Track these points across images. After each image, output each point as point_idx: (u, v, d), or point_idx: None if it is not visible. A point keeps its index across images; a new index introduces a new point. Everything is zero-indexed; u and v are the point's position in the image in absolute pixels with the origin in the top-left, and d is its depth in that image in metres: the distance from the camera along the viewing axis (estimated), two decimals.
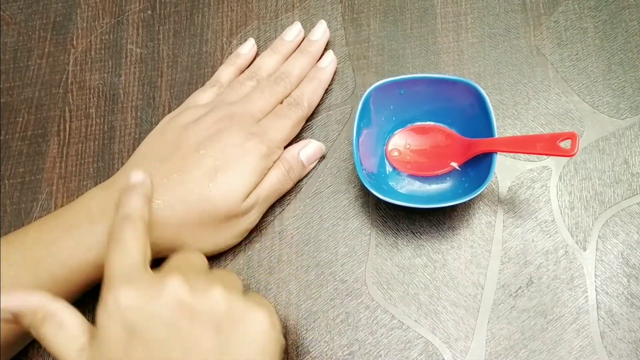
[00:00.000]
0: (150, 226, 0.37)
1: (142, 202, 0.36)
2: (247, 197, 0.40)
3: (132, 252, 0.33)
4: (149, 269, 0.34)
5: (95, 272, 0.38)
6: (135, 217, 0.35)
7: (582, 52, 0.47)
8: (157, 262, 0.43)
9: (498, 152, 0.40)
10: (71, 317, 0.32)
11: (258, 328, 0.32)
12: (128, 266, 0.32)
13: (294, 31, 0.47)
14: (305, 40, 0.47)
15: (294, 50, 0.47)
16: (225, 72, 0.47)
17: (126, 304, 0.30)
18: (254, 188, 0.41)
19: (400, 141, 0.44)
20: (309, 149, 0.44)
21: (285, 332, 0.40)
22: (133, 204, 0.36)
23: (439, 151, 0.44)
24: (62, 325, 0.31)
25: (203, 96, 0.45)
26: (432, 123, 0.44)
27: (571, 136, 0.37)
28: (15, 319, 0.31)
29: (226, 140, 0.40)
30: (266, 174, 0.42)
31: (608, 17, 0.48)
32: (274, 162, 0.42)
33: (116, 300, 0.31)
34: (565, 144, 0.37)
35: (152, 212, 0.38)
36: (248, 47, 0.48)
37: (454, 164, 0.43)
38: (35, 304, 0.31)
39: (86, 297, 0.42)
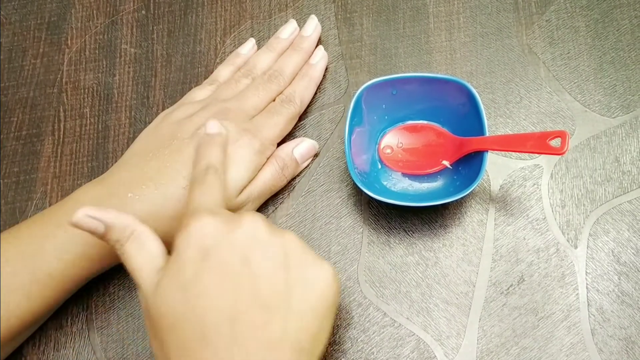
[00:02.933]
0: (144, 218, 0.37)
1: (220, 151, 0.38)
2: (240, 192, 0.40)
3: (215, 193, 0.35)
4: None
5: (90, 266, 0.38)
6: (217, 167, 0.37)
7: (574, 50, 0.47)
8: None
9: (489, 151, 0.40)
10: (154, 240, 0.34)
11: (323, 278, 0.33)
12: (211, 202, 0.35)
13: (289, 29, 0.48)
14: (297, 37, 0.48)
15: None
16: (224, 71, 0.47)
17: (207, 229, 0.32)
18: (248, 184, 0.41)
19: (392, 140, 0.45)
20: (302, 146, 0.44)
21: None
22: (214, 154, 0.38)
23: (431, 150, 0.44)
24: (145, 245, 0.34)
25: (199, 93, 0.46)
26: (424, 122, 0.44)
27: (561, 135, 0.37)
28: (106, 232, 0.34)
29: None
30: (260, 170, 0.42)
31: (599, 16, 0.48)
32: (268, 159, 0.42)
33: (198, 225, 0.33)
34: (555, 142, 0.37)
35: (146, 203, 0.39)
36: (248, 48, 0.48)
37: (446, 163, 0.43)
38: (126, 221, 0.34)
39: (82, 292, 0.42)
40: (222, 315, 0.31)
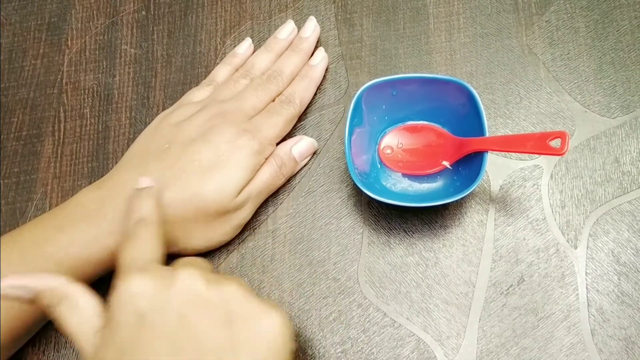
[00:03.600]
0: None
1: (152, 203, 0.37)
2: (239, 193, 0.40)
3: (146, 249, 0.34)
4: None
5: (91, 270, 0.38)
6: (149, 219, 0.35)
7: (574, 51, 0.47)
8: None
9: (489, 151, 0.40)
10: (87, 300, 0.32)
11: (270, 328, 0.31)
12: (142, 260, 0.33)
13: (287, 29, 0.48)
14: (296, 37, 0.48)
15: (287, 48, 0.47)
16: (222, 71, 0.47)
17: (139, 291, 0.31)
18: (247, 184, 0.41)
19: (392, 140, 0.45)
20: (301, 145, 0.44)
21: (297, 338, 0.41)
22: (145, 207, 0.36)
23: (431, 150, 0.44)
24: (77, 307, 0.32)
25: (197, 94, 0.46)
26: (424, 122, 0.44)
27: (561, 135, 0.37)
28: (35, 298, 0.32)
29: (218, 137, 0.40)
30: (258, 170, 0.42)
31: (599, 16, 0.48)
32: (266, 159, 0.42)
33: (129, 287, 0.31)
34: (555, 143, 0.37)
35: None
36: (245, 47, 0.48)
37: (446, 163, 0.43)
38: (53, 284, 0.32)
39: None
40: None
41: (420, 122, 0.45)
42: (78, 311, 0.32)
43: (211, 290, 0.31)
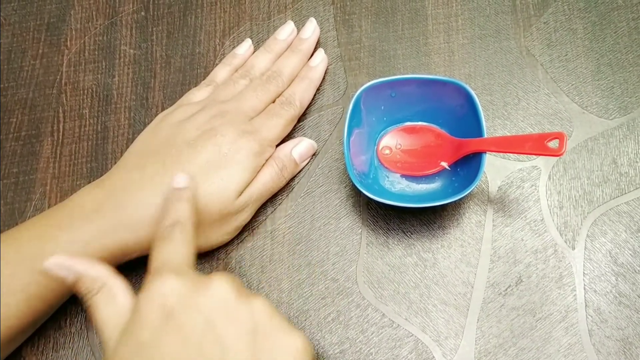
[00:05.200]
0: (144, 221, 0.38)
1: (189, 206, 0.37)
2: (239, 194, 0.40)
3: (182, 251, 0.34)
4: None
5: None
6: (185, 222, 0.35)
7: (572, 53, 0.47)
8: (145, 259, 0.43)
9: (487, 152, 0.40)
10: (125, 294, 0.33)
11: (292, 348, 0.31)
12: (177, 262, 0.33)
13: (287, 30, 0.48)
14: (296, 38, 0.48)
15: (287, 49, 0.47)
16: (221, 72, 0.47)
17: (170, 290, 0.31)
18: (247, 186, 0.41)
19: (391, 141, 0.45)
20: (301, 146, 0.44)
21: None
22: (181, 209, 0.36)
23: (429, 151, 0.44)
24: (115, 299, 0.32)
25: (197, 95, 0.46)
26: (422, 123, 0.45)
27: (559, 136, 0.37)
28: (76, 282, 0.33)
29: (219, 138, 0.40)
30: (259, 172, 0.42)
31: (597, 18, 0.48)
32: (267, 160, 0.43)
33: (161, 285, 0.31)
34: (553, 144, 0.37)
35: (146, 206, 0.38)
36: (245, 48, 0.48)
37: (444, 164, 0.43)
38: (98, 272, 0.33)
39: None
40: None
41: (419, 123, 0.45)
42: (113, 303, 0.32)
43: (241, 302, 0.31)
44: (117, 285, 0.33)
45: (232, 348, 0.30)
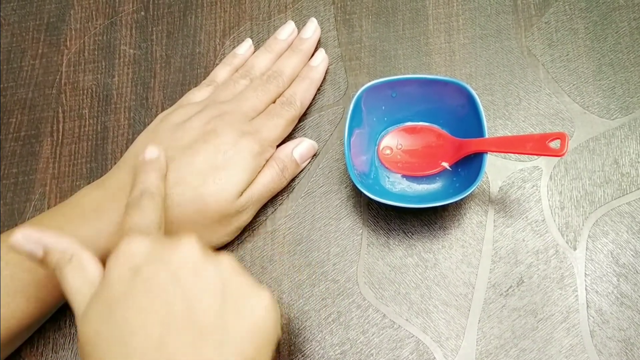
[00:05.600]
0: None
1: (158, 177, 0.37)
2: (240, 195, 0.40)
3: (149, 217, 0.34)
4: None
5: None
6: (153, 191, 0.36)
7: (573, 53, 0.47)
8: None
9: (489, 152, 0.40)
10: (95, 264, 0.33)
11: (259, 306, 0.32)
12: (144, 225, 0.34)
13: (287, 30, 0.48)
14: (296, 38, 0.48)
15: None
16: (222, 72, 0.47)
17: (137, 248, 0.31)
18: (247, 186, 0.41)
19: (391, 141, 0.45)
20: (302, 147, 0.44)
21: (282, 326, 0.40)
22: (150, 179, 0.37)
23: (430, 151, 0.44)
24: (85, 269, 0.32)
25: (197, 95, 0.45)
26: (423, 123, 0.44)
27: (560, 136, 0.37)
28: (45, 255, 0.33)
29: (219, 139, 0.40)
30: (259, 172, 0.42)
31: (598, 18, 0.48)
32: (267, 161, 0.42)
33: (128, 245, 0.31)
34: (554, 144, 0.37)
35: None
36: (245, 48, 0.48)
37: (445, 164, 0.43)
38: (66, 244, 0.33)
39: None
40: (150, 341, 0.29)
41: (420, 123, 0.45)
42: (83, 273, 0.32)
43: (208, 261, 0.32)
44: (87, 256, 0.33)
45: (199, 304, 0.30)
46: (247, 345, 0.31)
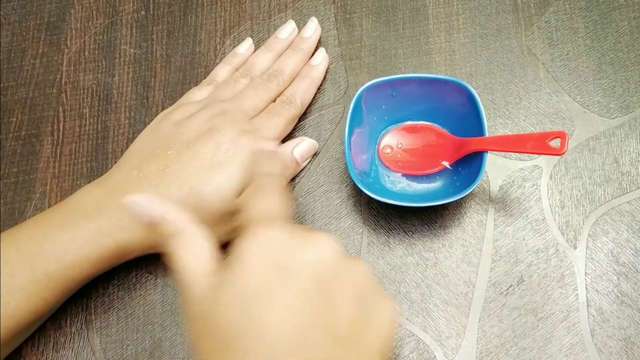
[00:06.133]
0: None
1: (281, 164, 0.37)
2: (239, 194, 0.40)
3: (279, 204, 0.33)
4: None
5: (90, 268, 0.38)
6: (280, 176, 0.35)
7: (573, 52, 0.47)
8: (145, 258, 0.43)
9: (489, 151, 0.40)
10: (207, 241, 0.31)
11: (386, 317, 0.31)
12: (276, 214, 0.32)
13: (288, 29, 0.48)
14: (297, 37, 0.48)
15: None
16: (222, 71, 0.47)
17: (276, 242, 0.30)
18: (247, 186, 0.41)
19: (392, 140, 0.45)
20: (302, 146, 0.44)
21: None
22: (274, 165, 0.36)
23: (431, 150, 0.44)
24: (197, 245, 0.31)
25: (198, 94, 0.45)
26: (423, 122, 0.45)
27: (561, 135, 0.37)
28: (158, 223, 0.32)
29: (219, 138, 0.40)
30: None
31: (599, 17, 0.48)
32: None
33: (267, 235, 0.30)
34: (555, 143, 0.37)
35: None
36: (245, 47, 0.48)
37: (445, 163, 0.43)
38: (177, 215, 0.32)
39: (81, 292, 0.42)
40: (287, 340, 0.27)
41: (420, 122, 0.45)
42: (196, 249, 0.31)
43: (346, 263, 0.30)
44: (199, 232, 0.32)
45: (340, 307, 0.29)
46: (375, 354, 0.30)
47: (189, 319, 0.30)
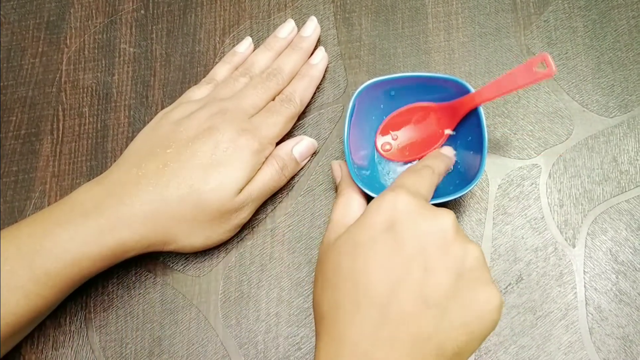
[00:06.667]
0: (142, 218, 0.38)
1: (444, 166, 0.41)
2: (239, 192, 0.40)
3: (423, 183, 0.37)
4: None
5: (90, 266, 0.38)
6: (437, 171, 0.39)
7: (572, 51, 0.47)
8: (145, 257, 0.43)
9: (484, 103, 0.40)
10: (360, 203, 0.39)
11: (490, 302, 0.32)
12: (416, 187, 0.36)
13: (287, 28, 0.48)
14: (296, 36, 0.48)
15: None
16: (221, 70, 0.47)
17: (401, 205, 0.34)
18: (246, 184, 0.41)
19: (387, 137, 0.45)
20: (302, 145, 0.44)
21: None
22: (438, 163, 0.40)
23: (428, 127, 0.44)
24: (350, 203, 0.39)
25: (197, 92, 0.45)
26: (408, 105, 0.44)
27: (543, 57, 0.37)
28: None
29: (218, 136, 0.40)
30: (259, 170, 0.42)
31: (597, 16, 0.48)
32: (267, 159, 0.42)
33: (394, 198, 0.34)
34: (542, 68, 0.37)
35: (144, 204, 0.39)
36: (245, 46, 0.48)
37: (448, 131, 0.43)
38: (348, 181, 0.41)
39: (80, 290, 0.42)
40: (381, 290, 0.31)
41: (404, 106, 0.44)
42: (347, 206, 0.38)
43: (457, 242, 0.33)
44: (355, 195, 0.39)
45: (437, 275, 0.32)
46: (462, 332, 0.32)
47: (318, 261, 0.36)
